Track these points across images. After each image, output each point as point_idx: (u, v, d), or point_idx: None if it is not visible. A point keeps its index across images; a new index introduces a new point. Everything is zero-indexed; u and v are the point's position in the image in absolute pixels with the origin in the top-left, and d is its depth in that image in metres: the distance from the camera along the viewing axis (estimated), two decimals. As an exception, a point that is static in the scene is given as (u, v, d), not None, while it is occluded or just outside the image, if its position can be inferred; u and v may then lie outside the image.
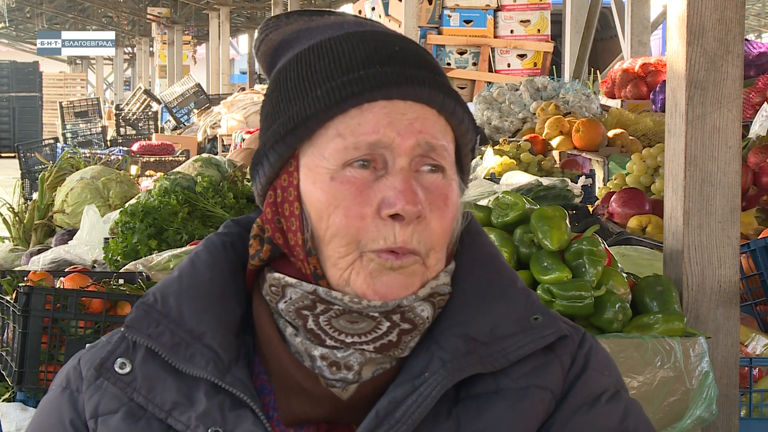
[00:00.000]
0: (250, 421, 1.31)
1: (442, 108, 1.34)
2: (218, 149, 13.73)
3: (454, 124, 1.36)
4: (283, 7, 21.08)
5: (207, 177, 4.69)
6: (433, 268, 1.34)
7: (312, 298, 1.33)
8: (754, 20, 30.99)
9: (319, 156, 1.32)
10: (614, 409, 1.36)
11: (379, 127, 1.30)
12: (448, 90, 1.34)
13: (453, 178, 1.35)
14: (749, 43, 7.37)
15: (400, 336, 1.32)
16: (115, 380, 1.36)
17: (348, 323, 1.32)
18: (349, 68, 1.32)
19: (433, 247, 1.32)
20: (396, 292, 1.30)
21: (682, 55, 2.64)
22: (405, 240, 1.29)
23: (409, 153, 1.30)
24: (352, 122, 1.31)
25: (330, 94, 1.31)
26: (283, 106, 1.35)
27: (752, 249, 3.20)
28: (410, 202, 1.28)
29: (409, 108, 1.32)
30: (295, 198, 1.34)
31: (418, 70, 1.33)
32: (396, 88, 1.31)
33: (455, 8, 10.66)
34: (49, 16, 37.02)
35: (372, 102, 1.31)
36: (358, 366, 1.32)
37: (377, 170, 1.31)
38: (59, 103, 19.54)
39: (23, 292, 3.14)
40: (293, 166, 1.35)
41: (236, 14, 29.66)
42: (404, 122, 1.31)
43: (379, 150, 1.30)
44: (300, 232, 1.34)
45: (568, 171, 5.88)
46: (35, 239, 6.20)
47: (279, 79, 1.38)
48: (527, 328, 1.35)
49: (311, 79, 1.33)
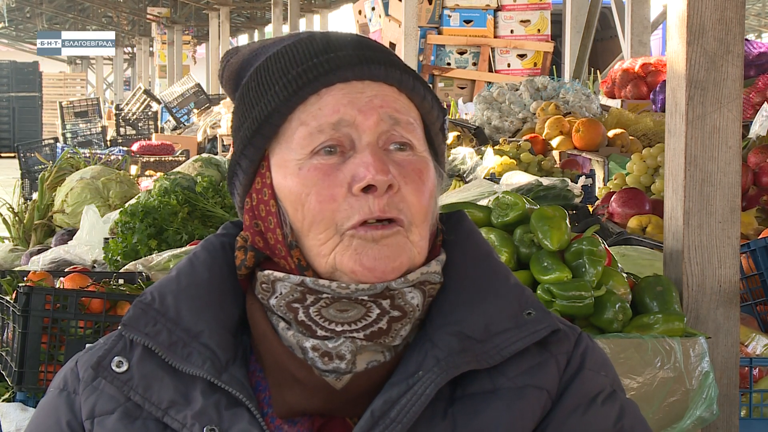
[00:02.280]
0: (246, 420, 1.32)
1: (402, 84, 1.35)
2: (218, 149, 13.75)
3: (417, 102, 1.37)
4: (283, 7, 21.09)
5: (207, 177, 4.69)
6: (418, 244, 1.34)
7: (301, 290, 1.33)
8: (754, 20, 30.99)
9: (287, 149, 1.34)
10: (610, 410, 1.36)
11: (339, 107, 1.32)
12: (405, 68, 1.36)
13: (424, 156, 1.36)
14: (749, 43, 7.37)
15: (390, 323, 1.32)
16: (112, 379, 1.37)
17: (338, 312, 1.32)
18: (304, 59, 1.35)
19: (413, 220, 1.33)
20: (384, 264, 1.30)
21: (682, 55, 2.64)
22: (381, 208, 1.30)
23: (373, 129, 1.32)
24: (312, 108, 1.33)
25: (287, 86, 1.34)
26: (247, 112, 1.38)
27: (752, 249, 3.20)
28: (380, 171, 1.29)
29: (367, 87, 1.34)
30: (270, 196, 1.36)
31: (372, 52, 1.35)
32: (351, 69, 1.33)
33: (455, 8, 10.67)
34: (49, 16, 37.03)
35: (329, 86, 1.33)
36: (350, 355, 1.32)
37: (345, 153, 1.32)
38: (59, 103, 19.53)
39: (23, 292, 3.14)
40: (265, 167, 1.37)
41: (236, 14, 29.66)
42: (364, 100, 1.33)
43: (344, 129, 1.32)
44: (279, 228, 1.35)
45: (568, 171, 5.88)
46: (35, 239, 6.20)
47: (242, 93, 1.41)
48: (521, 324, 1.35)
49: (269, 80, 1.36)
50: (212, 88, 23.82)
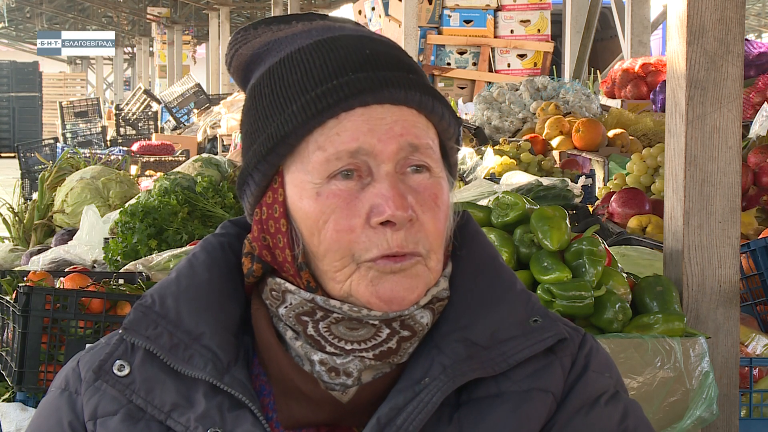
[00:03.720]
0: (249, 422, 1.31)
1: (421, 106, 1.33)
2: (218, 149, 13.74)
3: (435, 121, 1.35)
4: (283, 7, 21.07)
5: (207, 177, 4.69)
6: (434, 269, 1.33)
7: (311, 306, 1.32)
8: (754, 20, 30.99)
9: (303, 171, 1.31)
10: (613, 410, 1.36)
11: (358, 135, 1.29)
12: (424, 87, 1.33)
13: (441, 175, 1.35)
14: (749, 43, 7.37)
15: (399, 343, 1.32)
16: (113, 383, 1.36)
17: (347, 330, 1.31)
18: (322, 79, 1.31)
19: (432, 248, 1.31)
20: (401, 295, 1.29)
21: (682, 55, 2.64)
22: (399, 244, 1.29)
23: (392, 158, 1.30)
24: (330, 133, 1.30)
25: (306, 109, 1.30)
26: (261, 124, 1.34)
27: (752, 249, 3.20)
28: (400, 207, 1.27)
29: (387, 112, 1.30)
30: (281, 215, 1.34)
31: (391, 72, 1.32)
32: (371, 94, 1.30)
33: (455, 8, 10.67)
34: (49, 16, 37.02)
35: (349, 111, 1.30)
36: (357, 372, 1.32)
37: (362, 179, 1.30)
38: (59, 103, 19.54)
39: (23, 292, 3.14)
40: (278, 182, 1.34)
41: (236, 14, 29.66)
42: (384, 127, 1.30)
43: (361, 157, 1.29)
44: (288, 249, 1.33)
45: (568, 171, 5.87)
46: (35, 239, 6.20)
47: (254, 95, 1.37)
48: (527, 331, 1.35)
49: (285, 95, 1.32)
50: (212, 88, 23.84)
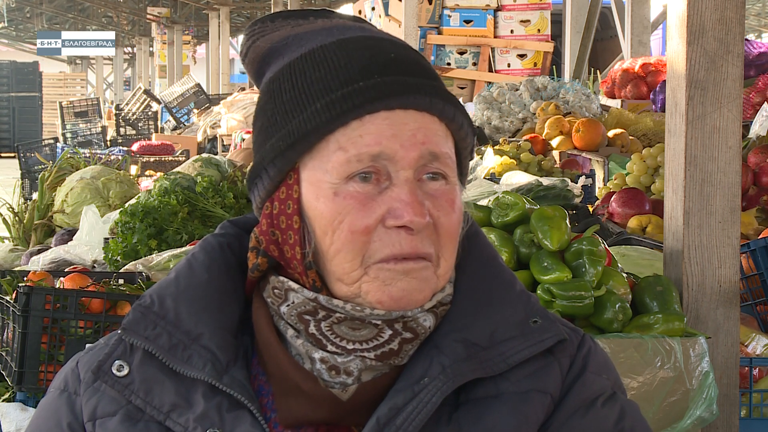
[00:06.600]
0: (248, 423, 1.31)
1: (443, 114, 1.33)
2: (218, 149, 13.74)
3: (454, 129, 1.35)
4: (283, 6, 21.08)
5: (207, 177, 4.69)
6: (443, 276, 1.34)
7: (313, 305, 1.32)
8: (754, 20, 30.98)
9: (321, 170, 1.31)
10: (610, 411, 1.36)
11: (381, 139, 1.29)
12: (446, 96, 1.34)
13: (455, 183, 1.35)
14: (749, 43, 7.37)
15: (401, 345, 1.32)
16: (112, 383, 1.36)
17: (350, 330, 1.31)
18: (348, 80, 1.30)
19: (442, 253, 1.32)
20: (411, 296, 1.30)
21: (682, 55, 2.64)
22: (413, 248, 1.29)
23: (413, 165, 1.30)
24: (353, 134, 1.29)
25: (330, 108, 1.29)
26: (279, 119, 1.33)
27: (752, 249, 3.20)
28: (418, 213, 1.28)
29: (410, 117, 1.30)
30: (294, 211, 1.33)
31: (417, 78, 1.32)
32: (397, 99, 1.30)
33: (455, 8, 10.67)
34: (49, 16, 37.02)
35: (373, 113, 1.29)
36: (358, 371, 1.32)
37: (380, 182, 1.30)
38: (59, 103, 19.54)
39: (23, 292, 3.14)
40: (293, 179, 1.33)
41: (236, 14, 29.65)
42: (407, 133, 1.30)
43: (382, 162, 1.29)
44: (299, 246, 1.32)
45: (568, 171, 5.87)
46: (35, 239, 6.20)
47: (272, 90, 1.36)
48: (527, 332, 1.35)
49: (308, 92, 1.32)
50: (212, 88, 23.83)
